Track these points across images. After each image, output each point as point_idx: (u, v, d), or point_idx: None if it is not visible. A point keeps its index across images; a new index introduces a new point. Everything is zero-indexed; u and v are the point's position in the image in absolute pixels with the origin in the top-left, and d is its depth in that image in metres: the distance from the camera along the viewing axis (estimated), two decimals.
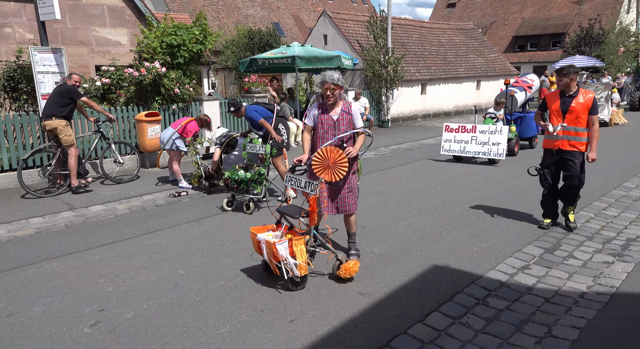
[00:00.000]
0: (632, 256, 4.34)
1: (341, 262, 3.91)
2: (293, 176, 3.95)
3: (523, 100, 10.86)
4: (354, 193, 4.20)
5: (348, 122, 4.09)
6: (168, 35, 9.93)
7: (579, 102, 4.77)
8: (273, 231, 3.86)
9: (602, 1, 32.27)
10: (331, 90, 3.98)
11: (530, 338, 3.07)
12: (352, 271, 3.84)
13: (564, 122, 4.82)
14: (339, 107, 4.10)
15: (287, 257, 3.59)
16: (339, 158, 3.79)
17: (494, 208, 5.97)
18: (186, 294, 3.76)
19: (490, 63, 21.07)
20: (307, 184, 3.77)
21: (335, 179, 3.79)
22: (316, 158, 3.87)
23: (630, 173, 7.72)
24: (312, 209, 3.71)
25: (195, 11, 22.43)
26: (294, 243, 3.65)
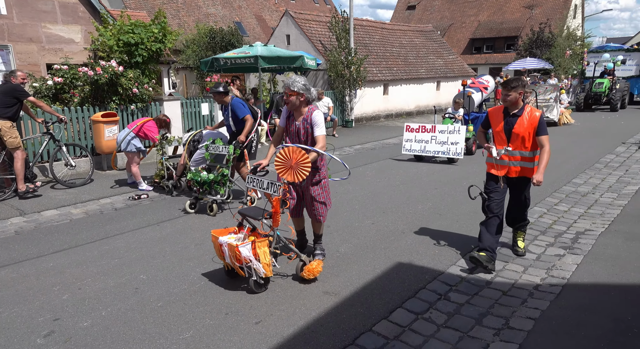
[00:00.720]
0: (581, 249, 4.59)
1: (305, 263, 3.90)
2: (255, 178, 3.90)
3: (480, 101, 11.25)
4: (326, 205, 4.18)
5: (306, 132, 4.00)
6: (125, 33, 9.61)
7: (523, 123, 4.06)
8: (235, 233, 3.82)
9: (552, 6, 33.93)
10: (287, 95, 3.94)
11: (489, 330, 3.19)
12: (316, 271, 3.83)
13: (509, 146, 4.15)
14: (302, 115, 4.02)
15: (252, 259, 3.55)
16: (301, 158, 3.74)
17: (454, 206, 6.15)
18: (147, 300, 3.65)
19: (449, 65, 21.70)
20: (269, 185, 3.75)
21: (298, 180, 3.72)
22: (279, 159, 3.83)
23: (579, 170, 8.16)
24: (275, 210, 3.69)
25: (153, 9, 21.80)
26: (257, 245, 3.60)
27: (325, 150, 4.05)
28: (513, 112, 4.15)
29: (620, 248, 4.55)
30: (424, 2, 41.68)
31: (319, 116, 3.99)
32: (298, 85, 3.89)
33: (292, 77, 3.98)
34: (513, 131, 4.10)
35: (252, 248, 3.57)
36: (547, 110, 14.27)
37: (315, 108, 4.01)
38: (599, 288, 3.76)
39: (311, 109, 4.01)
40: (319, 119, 3.98)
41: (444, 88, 20.87)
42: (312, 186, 4.08)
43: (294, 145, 3.89)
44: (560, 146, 10.76)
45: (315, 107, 4.05)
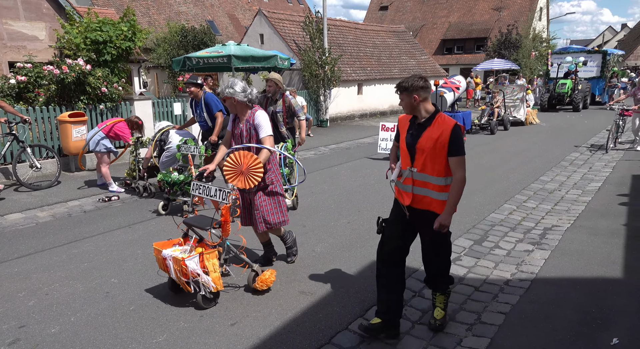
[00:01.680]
0: (549, 244, 4.74)
1: (257, 273, 3.69)
2: (201, 184, 3.65)
3: (452, 100, 11.49)
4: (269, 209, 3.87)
5: (249, 135, 3.76)
6: (92, 31, 9.34)
7: (431, 136, 2.88)
8: (180, 245, 3.55)
9: (519, 9, 34.92)
10: (224, 100, 3.76)
11: (462, 325, 3.26)
12: (269, 281, 3.63)
13: (413, 166, 3.01)
14: (244, 118, 3.79)
15: (200, 273, 3.30)
16: (252, 163, 3.49)
17: None
18: (119, 304, 3.56)
19: (422, 65, 22.05)
20: (217, 192, 3.49)
21: (249, 186, 3.47)
22: (228, 164, 3.55)
23: (545, 168, 8.43)
24: (225, 219, 3.45)
25: (122, 7, 21.25)
26: (206, 257, 3.36)
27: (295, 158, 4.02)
28: (419, 121, 2.99)
29: (584, 243, 4.74)
30: (396, 3, 42.20)
31: (261, 117, 3.76)
32: (229, 90, 3.67)
33: (230, 79, 3.76)
34: (417, 146, 2.95)
35: (199, 261, 3.32)
36: (515, 110, 14.69)
37: (257, 109, 3.79)
38: (565, 282, 3.90)
39: (253, 111, 3.78)
40: (262, 120, 3.74)
41: None
42: (258, 191, 3.82)
43: (243, 146, 3.73)
44: (527, 145, 11.11)
45: (257, 108, 3.81)
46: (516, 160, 9.21)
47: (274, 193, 3.88)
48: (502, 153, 10.02)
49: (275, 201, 3.89)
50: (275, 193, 3.89)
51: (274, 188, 3.87)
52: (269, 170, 3.81)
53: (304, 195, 6.80)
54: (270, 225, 3.88)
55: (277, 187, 3.89)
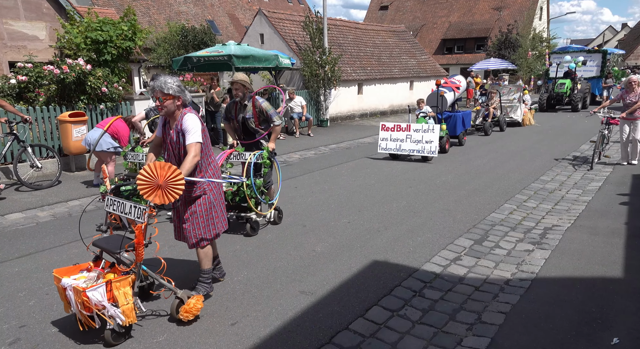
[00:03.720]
0: (549, 244, 4.74)
1: (182, 301, 3.22)
2: (116, 200, 3.18)
3: (452, 100, 11.48)
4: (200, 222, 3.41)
5: (178, 141, 3.31)
6: (93, 31, 9.34)
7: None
8: (88, 271, 3.11)
9: (519, 9, 34.91)
10: (160, 100, 3.23)
11: (463, 325, 3.26)
12: (194, 310, 3.19)
13: None
14: (175, 122, 3.32)
15: (106, 305, 2.86)
16: (171, 175, 2.99)
17: (428, 204, 6.25)
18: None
19: (422, 65, 22.03)
20: (132, 209, 3.05)
21: (169, 201, 2.99)
22: (142, 176, 3.00)
23: (545, 167, 8.43)
24: (138, 241, 2.98)
25: (122, 6, 21.27)
26: (115, 286, 2.92)
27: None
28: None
29: (585, 243, 4.73)
30: (397, 2, 42.19)
31: (190, 120, 3.26)
32: (172, 86, 3.21)
33: (161, 77, 3.26)
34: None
35: (106, 291, 2.88)
36: (512, 110, 14.65)
37: (188, 111, 3.33)
38: (565, 281, 3.90)
39: (183, 113, 3.31)
40: (190, 124, 3.25)
41: (417, 88, 21.18)
42: (188, 203, 3.39)
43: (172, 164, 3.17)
44: (527, 144, 11.10)
45: (188, 110, 3.36)
46: (514, 161, 9.20)
47: (208, 205, 3.42)
48: (501, 153, 10.01)
49: (208, 214, 3.44)
50: (209, 205, 3.43)
51: (207, 199, 3.41)
52: (205, 178, 3.40)
53: (304, 194, 6.80)
54: (199, 241, 3.44)
55: (212, 198, 3.44)
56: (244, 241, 4.91)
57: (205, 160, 3.43)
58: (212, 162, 3.51)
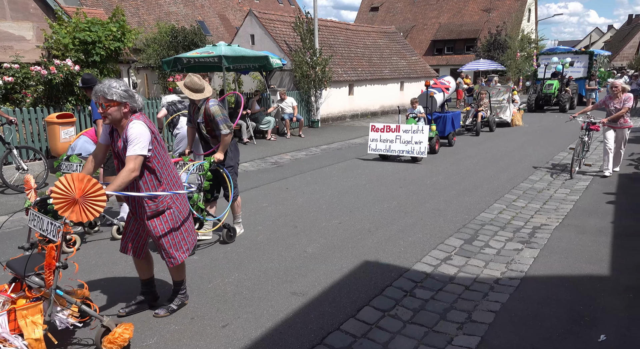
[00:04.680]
0: (538, 243, 4.80)
1: (107, 329, 2.90)
2: (36, 215, 2.84)
3: (442, 101, 11.55)
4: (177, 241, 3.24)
5: (126, 152, 2.96)
6: (81, 31, 9.25)
7: None
8: (2, 294, 2.74)
9: (507, 10, 35.27)
10: (103, 107, 2.92)
11: (453, 324, 3.28)
12: (120, 341, 2.85)
13: None
14: (123, 130, 3.01)
15: (7, 336, 2.52)
16: (90, 189, 2.66)
17: (418, 204, 6.28)
18: (108, 307, 3.52)
19: (412, 66, 22.14)
20: (49, 226, 2.75)
21: (87, 218, 2.66)
22: (58, 190, 2.64)
23: (534, 168, 8.52)
24: (48, 263, 2.64)
25: (111, 7, 21.08)
26: (20, 315, 2.58)
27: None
28: None
29: (573, 241, 4.80)
30: (387, 4, 42.38)
31: (135, 129, 2.93)
32: (117, 91, 2.91)
33: (105, 81, 2.96)
34: None
35: (10, 320, 2.56)
36: (501, 111, 14.79)
37: (135, 118, 2.99)
38: (554, 280, 3.94)
39: (129, 120, 3.00)
40: (134, 133, 2.92)
41: (407, 89, 21.28)
42: (150, 220, 3.14)
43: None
44: (516, 145, 11.22)
45: (137, 116, 3.01)
46: (504, 161, 9.29)
47: (176, 220, 3.21)
48: (491, 154, 10.10)
49: (181, 230, 3.25)
50: (178, 219, 3.23)
51: (173, 213, 3.19)
52: (167, 190, 3.14)
53: (296, 195, 6.80)
54: (176, 260, 3.24)
55: (177, 211, 3.22)
56: (234, 243, 4.89)
57: (163, 171, 3.13)
58: (172, 171, 3.22)
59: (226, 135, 4.57)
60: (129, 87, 3.01)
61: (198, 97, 4.53)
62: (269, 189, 7.25)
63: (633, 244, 4.66)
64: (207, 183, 4.60)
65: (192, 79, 4.50)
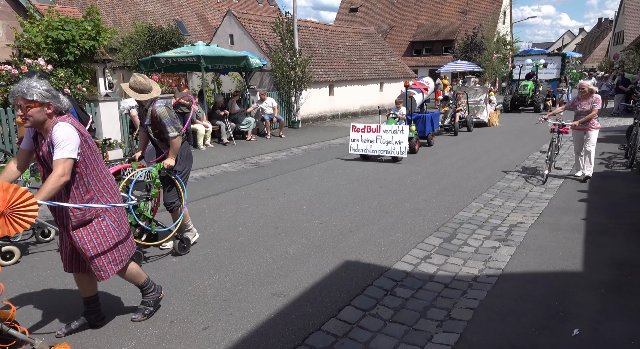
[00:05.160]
0: (514, 240, 4.90)
1: None
2: None
3: (421, 101, 11.70)
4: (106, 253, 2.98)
5: (51, 157, 2.74)
6: (54, 30, 9.02)
7: None
8: None
9: (483, 12, 35.95)
10: (22, 109, 2.68)
11: (433, 322, 3.33)
12: None
13: None
14: (48, 133, 2.77)
15: None
16: (18, 200, 2.43)
17: (399, 203, 6.34)
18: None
19: (392, 67, 22.35)
20: None
21: (14, 232, 2.44)
22: None
23: (510, 166, 8.71)
24: None
25: (85, 5, 20.61)
26: None
27: None
28: None
29: (547, 239, 4.92)
30: (366, 5, 42.66)
31: (62, 131, 2.71)
32: (38, 91, 2.68)
33: (24, 80, 2.73)
34: None
35: None
36: (478, 111, 15.07)
37: (62, 120, 2.77)
38: (530, 276, 4.04)
39: (54, 122, 2.76)
40: (60, 135, 2.69)
41: (387, 89, 21.46)
42: (75, 230, 2.90)
43: None
44: (493, 144, 11.45)
45: (63, 118, 2.79)
46: (482, 160, 9.47)
47: (106, 230, 2.98)
48: (469, 153, 10.28)
49: (111, 241, 3.01)
50: (109, 229, 3.00)
51: (101, 223, 2.96)
52: (91, 200, 2.89)
53: (276, 196, 6.78)
54: (107, 274, 3.01)
55: (110, 221, 3.02)
56: (215, 244, 4.85)
57: (94, 177, 2.90)
58: (105, 178, 2.99)
59: (174, 137, 4.26)
60: (51, 87, 2.80)
61: (144, 98, 4.25)
62: (249, 190, 7.20)
63: (605, 241, 4.81)
64: (155, 191, 4.32)
65: (136, 79, 4.24)
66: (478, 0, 36.94)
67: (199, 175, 8.40)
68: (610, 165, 8.62)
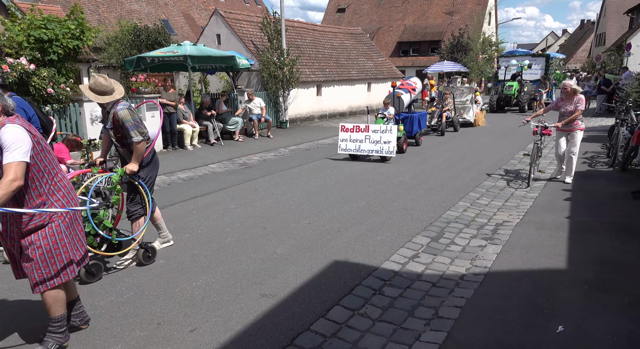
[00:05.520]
0: (500, 239, 4.96)
1: None
2: None
3: (408, 101, 11.77)
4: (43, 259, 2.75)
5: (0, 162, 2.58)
6: (36, 29, 8.86)
7: None
8: None
9: (469, 13, 36.33)
10: None
11: (421, 320, 3.35)
12: None
13: None
14: None
15: None
16: None
17: (387, 203, 6.37)
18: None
19: (379, 67, 22.44)
20: None
21: None
22: None
23: (497, 166, 8.82)
24: None
25: (68, 4, 20.29)
26: None
27: None
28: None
29: (532, 237, 4.99)
30: (354, 5, 42.78)
31: (11, 133, 2.57)
32: None
33: None
34: None
35: None
36: (464, 111, 15.22)
37: (10, 121, 2.62)
38: (515, 274, 4.09)
39: (2, 124, 2.61)
40: (9, 138, 2.55)
41: (374, 89, 21.55)
42: (25, 236, 2.73)
43: None
44: (479, 144, 11.57)
45: (12, 119, 2.66)
46: (468, 160, 9.56)
47: (54, 237, 2.77)
48: (455, 153, 10.37)
49: (54, 249, 2.77)
50: (57, 236, 2.78)
51: (54, 229, 2.77)
52: (43, 204, 2.72)
53: (264, 196, 6.76)
54: (42, 282, 2.76)
55: (63, 227, 2.81)
56: (202, 245, 4.81)
57: (48, 181, 2.75)
58: (60, 181, 2.82)
59: (138, 142, 4.00)
60: None
61: (105, 100, 3.99)
62: (237, 190, 7.17)
63: (588, 238, 4.90)
64: (115, 198, 4.12)
65: (96, 80, 3.97)
66: (464, 2, 37.33)
67: (186, 175, 8.33)
68: (593, 164, 8.78)
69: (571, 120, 6.94)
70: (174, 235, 5.03)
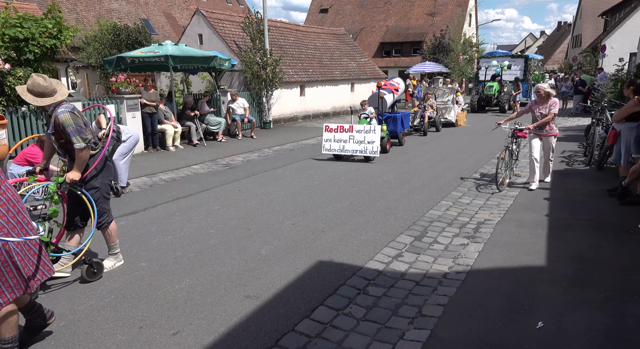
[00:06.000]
0: (482, 237, 5.04)
1: None
2: None
3: (392, 102, 11.85)
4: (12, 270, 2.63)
5: None
6: (11, 27, 8.64)
7: None
8: None
9: (450, 15, 36.79)
10: None
11: (405, 319, 3.38)
12: None
13: None
14: None
15: None
16: None
17: (370, 203, 6.41)
18: None
19: (362, 67, 22.55)
20: None
21: None
22: None
23: (477, 165, 8.95)
24: None
25: (45, 2, 19.83)
26: None
27: None
28: None
29: (513, 235, 5.08)
30: (336, 5, 42.88)
31: None
32: None
33: None
34: None
35: None
36: (446, 112, 15.42)
37: None
38: (497, 272, 4.16)
39: None
40: None
41: (358, 90, 21.64)
42: None
43: None
44: (461, 144, 11.73)
45: None
46: (451, 159, 9.68)
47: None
48: (438, 153, 10.49)
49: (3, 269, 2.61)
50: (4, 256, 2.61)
51: None
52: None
53: (248, 197, 6.72)
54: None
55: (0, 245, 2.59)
56: (185, 247, 4.76)
57: None
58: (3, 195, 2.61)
59: (81, 149, 3.69)
60: None
61: (45, 102, 3.67)
62: (220, 191, 7.11)
63: (566, 236, 5.01)
64: (52, 209, 3.77)
65: (34, 81, 3.64)
66: (445, 3, 37.78)
67: (168, 177, 8.23)
68: (571, 163, 8.99)
69: (544, 123, 6.83)
70: (157, 237, 4.97)
